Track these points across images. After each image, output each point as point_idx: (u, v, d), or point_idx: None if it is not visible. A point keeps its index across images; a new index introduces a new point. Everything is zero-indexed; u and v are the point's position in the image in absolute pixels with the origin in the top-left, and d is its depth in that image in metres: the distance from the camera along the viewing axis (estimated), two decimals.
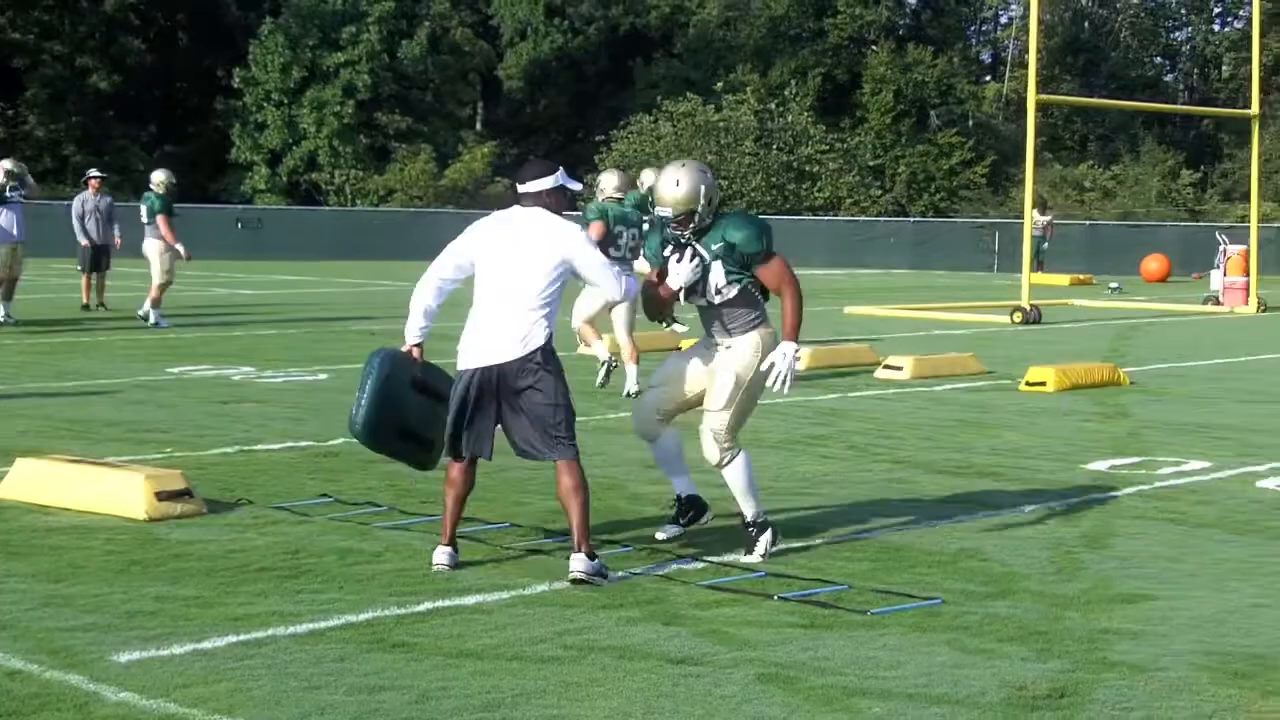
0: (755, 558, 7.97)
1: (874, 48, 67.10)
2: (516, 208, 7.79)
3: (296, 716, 5.45)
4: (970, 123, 66.50)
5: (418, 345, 7.86)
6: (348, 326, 22.43)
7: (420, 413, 7.91)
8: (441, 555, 7.64)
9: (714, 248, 8.00)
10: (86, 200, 24.56)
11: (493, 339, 7.55)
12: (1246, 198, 36.01)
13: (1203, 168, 66.37)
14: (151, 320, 21.57)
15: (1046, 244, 41.10)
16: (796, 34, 68.38)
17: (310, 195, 58.66)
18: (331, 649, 6.24)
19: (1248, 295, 30.65)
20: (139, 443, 11.41)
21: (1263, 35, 33.27)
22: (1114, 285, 37.92)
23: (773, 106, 60.06)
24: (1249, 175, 32.89)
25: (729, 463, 8.03)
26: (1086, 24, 75.19)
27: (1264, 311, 29.99)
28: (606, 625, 6.68)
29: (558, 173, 7.80)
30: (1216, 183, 66.24)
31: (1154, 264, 43.73)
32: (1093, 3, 74.80)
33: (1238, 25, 75.25)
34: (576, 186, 7.93)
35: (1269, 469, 11.19)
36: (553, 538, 8.34)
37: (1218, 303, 31.34)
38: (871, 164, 63.20)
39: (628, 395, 13.99)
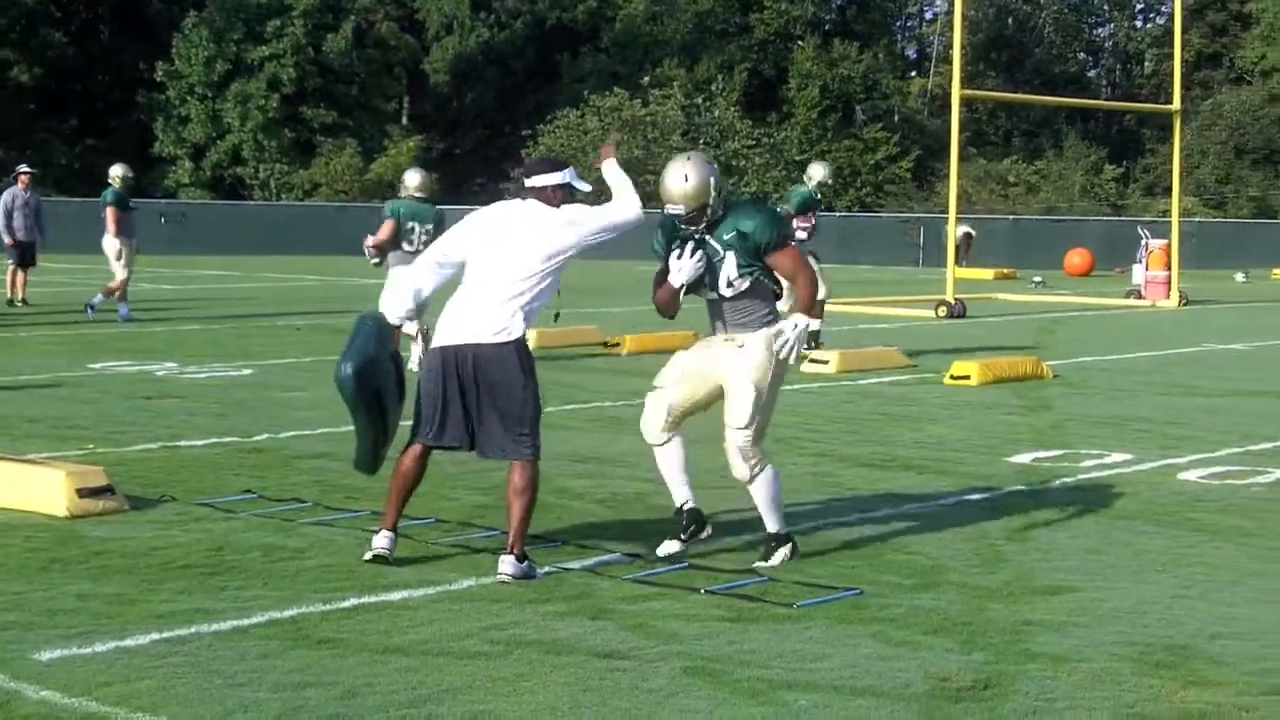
0: (770, 564, 7.75)
1: (800, 43, 67.36)
2: (518, 200, 7.78)
3: (220, 714, 5.41)
4: (895, 118, 66.87)
5: (397, 327, 7.73)
6: (273, 322, 22.30)
7: (391, 392, 7.74)
8: (382, 539, 7.57)
9: (726, 238, 7.78)
10: (16, 196, 24.31)
11: (470, 320, 7.49)
12: (1168, 193, 36.35)
13: (1125, 163, 67.05)
14: (114, 313, 21.44)
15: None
16: (723, 29, 68.53)
17: (234, 190, 58.29)
18: (255, 646, 6.20)
19: (1169, 289, 30.95)
20: (60, 439, 11.30)
21: (1184, 31, 33.57)
22: (1037, 279, 38.20)
23: (699, 101, 60.16)
24: (1171, 170, 33.21)
25: (757, 477, 7.83)
26: (1010, 20, 75.78)
27: (1185, 305, 30.29)
28: (533, 620, 6.67)
29: (566, 170, 7.76)
30: (1139, 178, 66.94)
31: (1077, 258, 44.10)
32: None
33: (1160, 21, 76.10)
34: (585, 188, 7.84)
35: (1189, 461, 11.30)
36: (481, 532, 8.32)
37: (1140, 297, 31.64)
38: (798, 159, 63.32)
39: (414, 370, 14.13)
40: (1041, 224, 52.31)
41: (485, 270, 7.55)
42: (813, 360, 16.71)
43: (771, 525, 7.87)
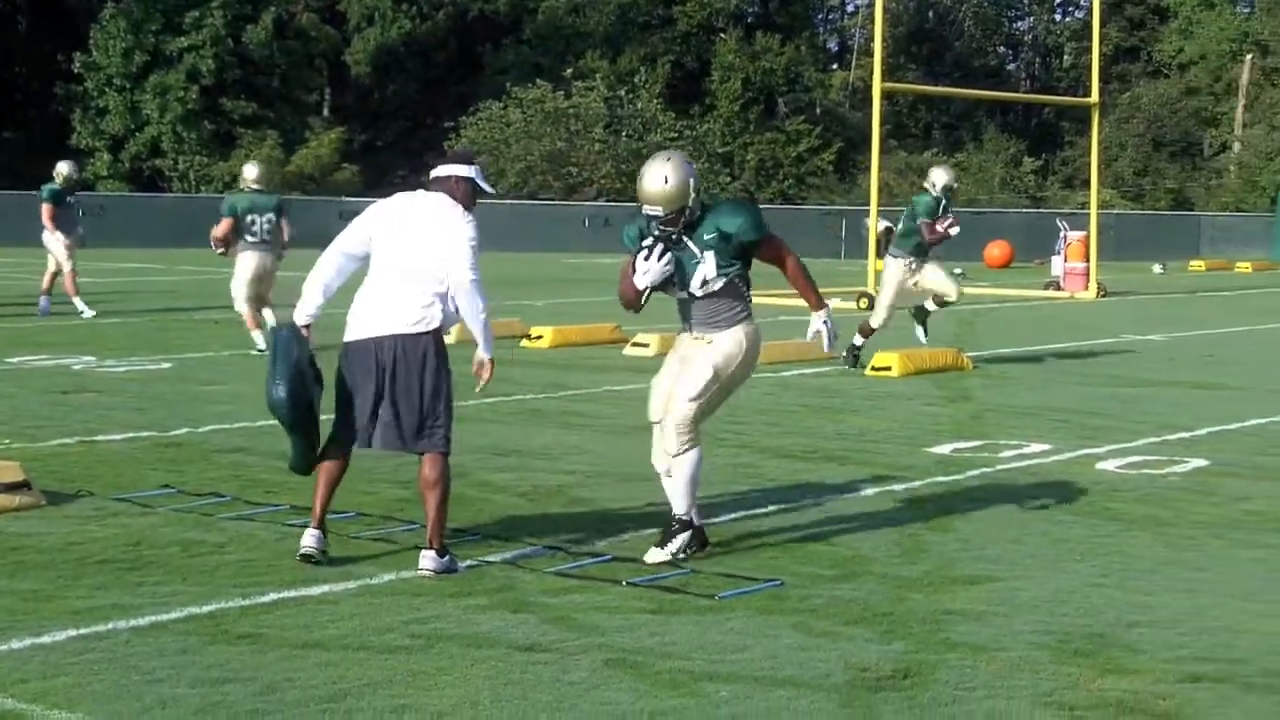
0: (664, 554, 7.69)
1: (722, 35, 67.43)
2: (422, 191, 7.74)
3: (138, 710, 5.36)
4: (818, 110, 67.06)
5: (307, 326, 7.65)
6: (191, 315, 22.12)
7: (318, 397, 7.66)
8: (309, 538, 7.52)
9: (707, 238, 7.68)
10: None
11: (384, 311, 7.45)
12: (1087, 185, 36.67)
13: (1044, 155, 67.58)
14: (78, 310, 21.20)
15: None
16: (646, 21, 68.51)
17: (154, 182, 57.73)
18: (174, 641, 6.16)
19: (1088, 281, 31.21)
20: None
21: (1103, 25, 33.85)
22: (958, 271, 38.20)
23: (622, 93, 60.11)
24: (1089, 163, 33.49)
25: (684, 454, 7.76)
26: (931, 13, 76.19)
27: (1104, 297, 30.56)
28: (454, 614, 6.66)
29: (474, 167, 7.74)
30: (1058, 170, 67.48)
31: (997, 250, 44.39)
32: None
33: (1078, 15, 76.75)
34: (489, 189, 7.82)
35: (1107, 451, 11.41)
36: (402, 526, 8.29)
37: (1058, 288, 31.89)
38: (720, 151, 63.49)
39: (259, 353, 15.79)
40: (961, 216, 52.61)
41: (394, 262, 7.51)
42: None
43: (679, 508, 7.80)
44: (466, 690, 5.64)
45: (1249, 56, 66.36)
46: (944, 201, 16.92)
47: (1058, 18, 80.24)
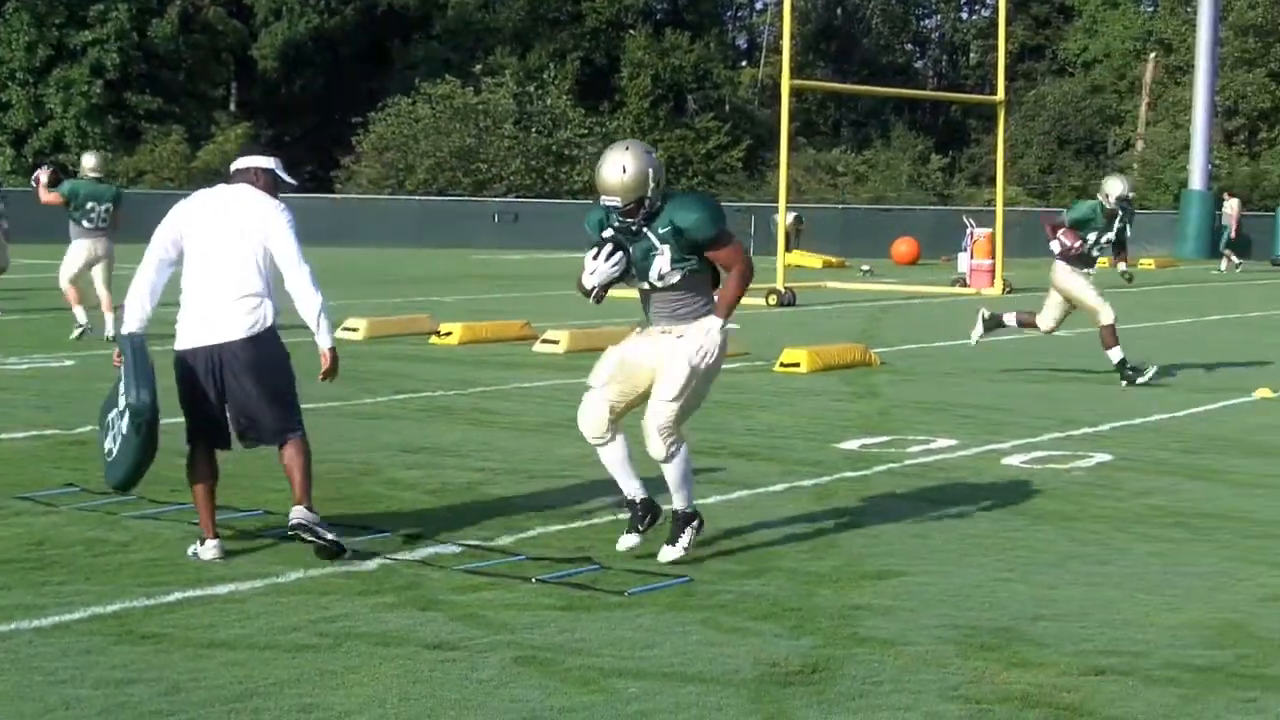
0: (678, 550, 7.62)
1: (632, 32, 67.43)
2: (222, 185, 7.68)
3: (41, 711, 5.30)
4: (727, 107, 67.21)
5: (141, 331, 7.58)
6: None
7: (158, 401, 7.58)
8: (212, 550, 7.46)
9: (662, 231, 7.54)
10: None
11: (216, 318, 7.42)
12: (993, 182, 36.95)
13: (951, 153, 68.06)
14: None
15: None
16: (555, 17, 68.40)
17: (57, 177, 57.05)
18: (78, 641, 6.09)
19: (994, 277, 31.47)
20: None
21: (1008, 23, 34.14)
22: (866, 268, 38.64)
23: (531, 90, 59.99)
24: (995, 160, 33.74)
25: (673, 456, 7.64)
26: (839, 11, 76.57)
27: (1009, 293, 30.79)
28: (362, 612, 6.62)
29: (274, 159, 7.70)
30: (964, 167, 67.99)
31: (904, 247, 44.67)
32: None
33: (985, 13, 77.38)
34: (290, 180, 7.77)
35: (1012, 446, 11.51)
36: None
37: (965, 285, 32.14)
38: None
39: (109, 339, 16.29)
40: (870, 213, 52.85)
41: (211, 261, 7.47)
42: None
43: (680, 502, 7.72)
44: (374, 689, 5.61)
45: (1152, 55, 67.11)
46: (1121, 212, 15.51)
47: (965, 16, 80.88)
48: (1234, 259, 42.67)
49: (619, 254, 7.61)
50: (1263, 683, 5.98)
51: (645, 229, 7.60)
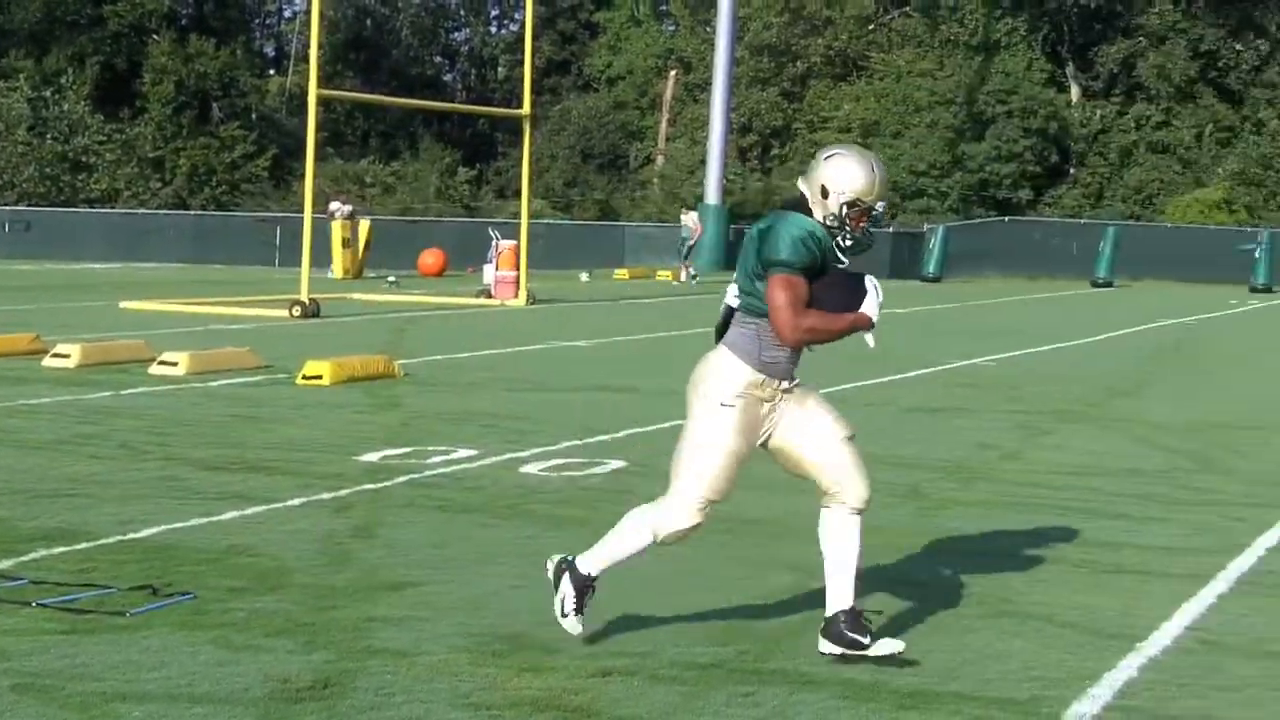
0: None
1: (155, 37, 65.68)
2: None
3: None
4: (253, 116, 66.17)
5: None
6: None
7: None
8: None
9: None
10: None
11: None
12: (519, 194, 37.45)
13: (479, 165, 68.71)
14: None
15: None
16: (74, 20, 66.02)
17: None
18: None
19: (518, 289, 31.91)
20: None
21: (535, 38, 34.66)
22: (392, 279, 38.61)
23: (48, 94, 57.82)
24: (521, 173, 34.20)
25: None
26: (369, 21, 76.30)
27: (533, 304, 31.30)
28: None
29: None
30: (491, 180, 68.72)
31: (431, 258, 44.82)
32: (375, 1, 75.92)
33: (513, 28, 78.30)
34: None
35: (531, 454, 11.69)
36: None
37: (490, 296, 32.49)
38: (151, 155, 61.84)
39: None
40: (398, 224, 52.85)
41: None
42: (161, 362, 16.33)
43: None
44: None
45: (673, 72, 69.26)
46: None
47: (493, 30, 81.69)
48: (691, 270, 44.17)
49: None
50: (760, 677, 6.24)
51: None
